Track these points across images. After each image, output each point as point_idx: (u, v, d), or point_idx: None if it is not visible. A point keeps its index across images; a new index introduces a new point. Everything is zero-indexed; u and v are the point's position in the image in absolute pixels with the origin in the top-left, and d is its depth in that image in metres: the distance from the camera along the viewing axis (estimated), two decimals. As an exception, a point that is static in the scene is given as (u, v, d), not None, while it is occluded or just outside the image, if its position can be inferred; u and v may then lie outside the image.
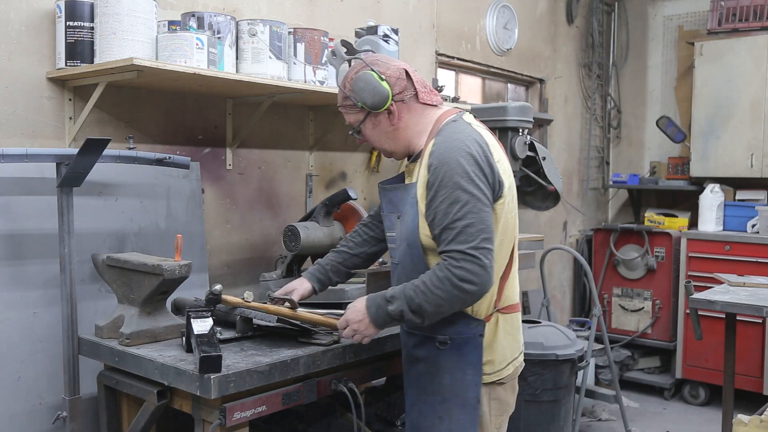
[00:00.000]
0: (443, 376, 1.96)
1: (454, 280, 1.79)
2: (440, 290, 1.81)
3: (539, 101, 5.16)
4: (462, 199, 1.81)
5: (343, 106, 2.05)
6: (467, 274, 1.79)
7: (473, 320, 1.95)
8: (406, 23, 3.81)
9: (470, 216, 1.80)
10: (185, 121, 2.85)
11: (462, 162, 1.83)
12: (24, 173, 2.31)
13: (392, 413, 2.78)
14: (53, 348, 2.35)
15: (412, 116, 2.01)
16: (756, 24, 4.93)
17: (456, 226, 1.81)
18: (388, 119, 1.99)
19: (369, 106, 1.95)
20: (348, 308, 2.00)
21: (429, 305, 1.83)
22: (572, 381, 3.42)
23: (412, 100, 2.00)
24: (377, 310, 1.91)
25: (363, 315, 1.94)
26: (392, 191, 2.07)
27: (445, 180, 1.83)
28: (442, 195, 1.83)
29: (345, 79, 2.02)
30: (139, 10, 2.32)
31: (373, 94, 1.94)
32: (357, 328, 1.96)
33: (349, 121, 2.06)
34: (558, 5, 5.27)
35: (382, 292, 1.93)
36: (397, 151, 2.07)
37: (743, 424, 2.55)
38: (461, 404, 1.95)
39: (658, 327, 5.05)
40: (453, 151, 1.85)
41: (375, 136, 2.04)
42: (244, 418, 1.96)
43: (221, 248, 3.00)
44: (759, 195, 4.92)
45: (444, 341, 1.95)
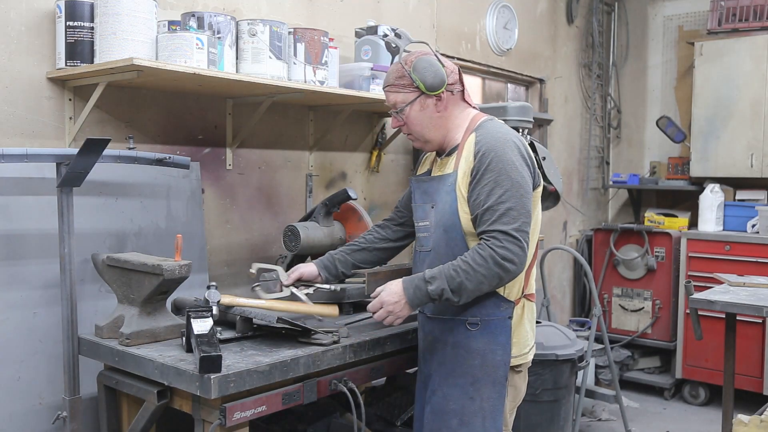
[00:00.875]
0: (474, 358, 2.05)
1: (497, 258, 1.91)
2: (483, 268, 1.91)
3: (539, 101, 5.16)
4: (505, 184, 1.94)
5: (393, 85, 2.12)
6: (509, 253, 1.91)
7: (504, 302, 2.05)
8: (406, 23, 3.81)
9: (513, 200, 1.94)
10: (185, 121, 2.85)
11: (507, 151, 1.99)
12: (24, 173, 2.31)
13: (392, 413, 2.79)
14: (53, 348, 2.35)
15: (455, 109, 2.14)
16: (756, 24, 4.93)
17: (499, 208, 1.93)
18: (435, 105, 2.10)
19: (427, 86, 2.06)
20: (382, 290, 2.05)
21: (470, 283, 1.93)
22: (572, 381, 3.42)
23: (459, 95, 2.15)
24: (415, 291, 1.99)
25: (400, 296, 2.01)
26: (428, 182, 2.18)
27: (492, 165, 1.96)
28: (487, 178, 1.97)
29: (407, 58, 2.11)
30: (139, 10, 2.31)
31: (435, 75, 2.05)
32: (392, 310, 2.02)
33: (395, 100, 2.13)
34: (558, 5, 5.27)
35: (418, 274, 2.01)
36: (433, 140, 2.16)
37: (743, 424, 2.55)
38: (492, 383, 2.05)
39: (658, 327, 5.05)
40: (498, 141, 2.01)
41: (419, 119, 2.12)
42: (244, 418, 1.96)
43: (221, 248, 3.00)
44: (759, 195, 4.92)
45: (475, 323, 2.05)
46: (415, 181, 2.25)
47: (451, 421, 2.07)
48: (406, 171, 3.94)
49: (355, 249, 2.44)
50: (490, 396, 2.05)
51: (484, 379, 2.05)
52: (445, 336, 2.10)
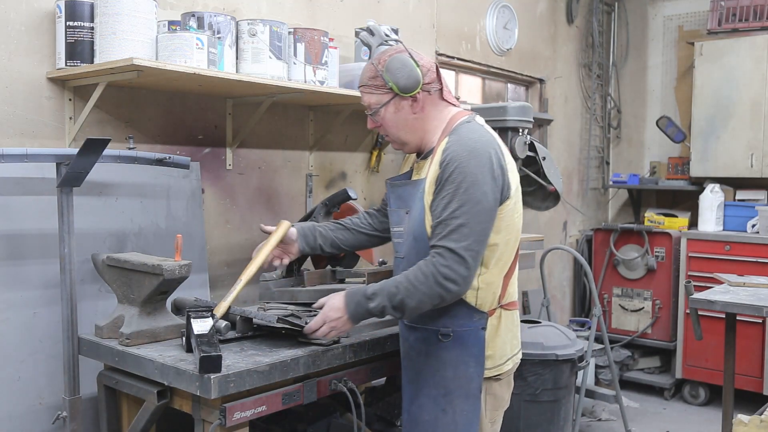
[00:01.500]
0: (446, 369, 1.98)
1: (438, 277, 1.83)
2: (424, 286, 1.84)
3: (539, 101, 5.16)
4: (462, 199, 1.85)
5: (368, 86, 2.04)
6: (451, 273, 1.83)
7: (476, 312, 1.97)
8: (406, 23, 3.81)
9: (466, 216, 1.84)
10: (185, 121, 2.85)
11: (471, 162, 1.87)
12: (24, 173, 2.31)
13: (392, 413, 2.78)
14: (53, 348, 2.35)
15: (433, 110, 2.04)
16: (756, 24, 4.93)
17: (451, 223, 1.84)
18: (411, 107, 2.02)
19: (400, 87, 1.97)
20: (324, 305, 2.00)
21: (411, 300, 1.86)
22: (572, 381, 3.42)
23: (436, 94, 2.04)
24: (356, 307, 1.94)
25: (341, 312, 1.96)
26: (402, 187, 2.10)
27: (452, 176, 1.87)
28: (446, 190, 1.87)
29: (380, 57, 2.03)
30: (139, 10, 2.31)
31: (408, 77, 1.97)
32: (335, 326, 1.99)
33: (370, 101, 2.05)
34: (558, 5, 5.27)
35: (361, 288, 1.96)
36: (409, 142, 2.08)
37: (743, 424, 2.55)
38: (464, 396, 1.98)
39: (658, 327, 5.05)
40: (465, 149, 1.89)
41: (393, 121, 2.04)
42: (244, 418, 1.96)
43: (221, 248, 3.00)
44: (759, 195, 4.92)
45: (447, 334, 1.97)
46: (390, 185, 2.16)
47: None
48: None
49: (338, 227, 2.39)
50: (463, 409, 1.98)
51: (457, 391, 1.97)
52: (420, 345, 2.04)
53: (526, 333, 3.27)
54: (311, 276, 2.76)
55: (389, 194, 2.17)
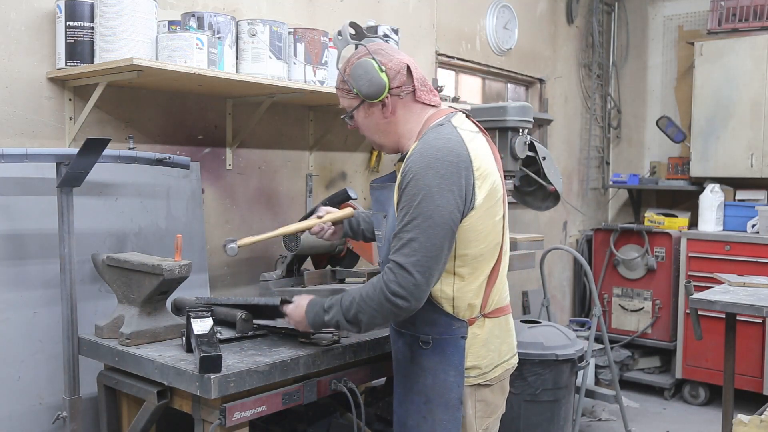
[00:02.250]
0: (426, 377, 1.94)
1: (386, 293, 1.78)
2: (374, 302, 1.81)
3: (539, 101, 5.16)
4: (414, 212, 1.78)
5: (339, 89, 2.03)
6: (400, 289, 1.77)
7: (455, 320, 1.91)
8: (406, 23, 3.81)
9: (417, 230, 1.77)
10: (185, 121, 2.85)
11: (429, 174, 1.78)
12: (24, 173, 2.31)
13: (392, 413, 2.78)
14: (53, 348, 2.35)
15: (406, 113, 1.96)
16: (756, 24, 4.93)
17: (402, 237, 1.79)
18: (381, 112, 1.94)
19: (364, 94, 1.91)
20: (294, 301, 2.05)
21: (364, 315, 1.84)
22: (572, 381, 3.42)
23: (408, 96, 1.95)
24: (314, 317, 1.96)
25: (302, 318, 2.00)
26: (379, 190, 2.08)
27: (408, 188, 1.80)
28: (403, 202, 1.81)
29: (346, 63, 2.00)
30: (139, 10, 2.31)
31: (369, 84, 1.90)
32: (294, 325, 2.06)
33: (343, 105, 2.04)
34: (558, 5, 5.27)
35: (321, 300, 1.96)
36: (385, 145, 2.04)
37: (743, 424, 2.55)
38: (444, 405, 1.93)
39: (658, 327, 5.05)
40: (425, 159, 1.80)
41: (366, 125, 2.01)
42: (244, 418, 1.96)
43: (221, 248, 3.00)
44: (759, 195, 4.92)
45: (426, 341, 1.93)
46: (371, 188, 2.13)
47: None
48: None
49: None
50: (442, 419, 1.93)
51: (436, 399, 1.93)
52: (405, 350, 2.01)
53: (526, 333, 3.27)
54: (311, 276, 2.76)
55: (371, 196, 2.15)
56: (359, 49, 2.03)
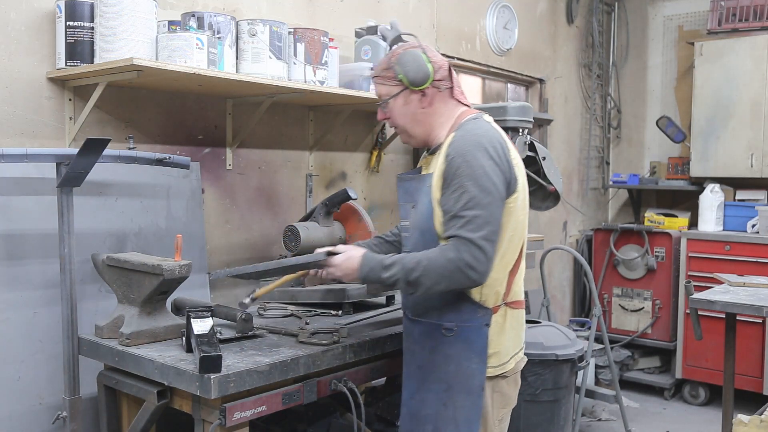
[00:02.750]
0: (449, 364, 2.00)
1: (460, 264, 1.85)
2: (445, 269, 1.87)
3: (539, 101, 5.16)
4: (473, 191, 1.88)
5: (380, 76, 2.09)
6: (474, 261, 1.85)
7: (480, 308, 1.99)
8: (406, 23, 3.81)
9: (479, 207, 1.87)
10: (185, 121, 2.85)
11: (478, 156, 1.90)
12: (24, 173, 2.31)
13: (392, 413, 2.78)
14: (53, 348, 2.35)
15: (442, 106, 2.08)
16: (756, 24, 4.92)
17: (466, 215, 1.87)
18: (419, 101, 2.05)
19: (409, 80, 2.01)
20: (342, 253, 2.04)
21: (428, 280, 1.89)
22: (572, 381, 3.42)
23: (446, 92, 2.08)
24: (370, 272, 1.97)
25: (353, 271, 2.00)
26: (409, 181, 2.14)
27: (460, 170, 1.90)
28: (455, 184, 1.90)
29: (395, 50, 2.08)
30: (139, 10, 2.31)
31: (417, 71, 2.01)
32: (340, 276, 2.04)
33: (381, 92, 2.10)
34: (558, 5, 5.27)
35: (379, 256, 1.99)
36: (416, 136, 2.12)
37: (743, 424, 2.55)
38: (466, 392, 1.99)
39: (658, 327, 5.05)
40: (471, 144, 1.93)
41: (402, 113, 2.08)
42: (244, 418, 1.96)
43: (221, 248, 3.00)
44: (759, 195, 4.91)
45: (450, 328, 2.00)
46: (399, 179, 2.20)
47: (426, 426, 2.03)
48: (405, 170, 3.94)
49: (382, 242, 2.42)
50: (463, 405, 1.98)
51: (458, 386, 1.99)
52: (423, 339, 2.05)
53: (527, 333, 3.26)
54: (311, 276, 2.76)
55: (398, 188, 2.21)
56: (410, 40, 2.15)
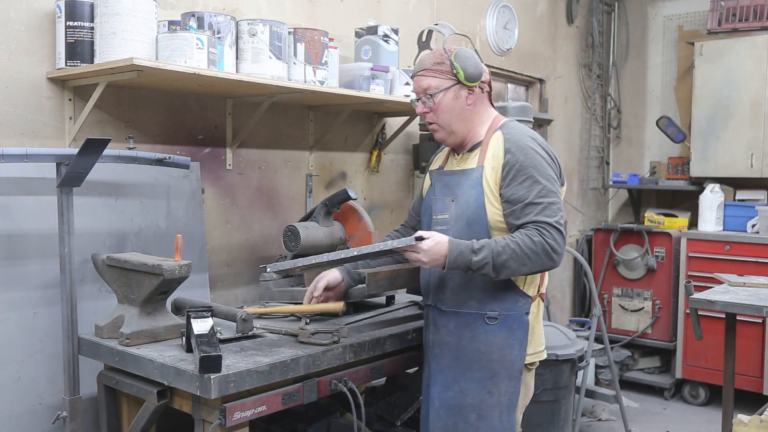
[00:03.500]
0: (492, 352, 2.09)
1: (546, 246, 1.97)
2: (532, 252, 1.97)
3: (539, 101, 5.16)
4: (542, 182, 2.02)
5: (431, 69, 2.14)
6: (556, 244, 1.99)
7: (522, 297, 2.10)
8: (406, 23, 3.81)
9: (552, 196, 2.03)
10: (185, 121, 2.85)
11: (538, 150, 2.06)
12: (24, 173, 2.31)
13: (392, 413, 2.78)
14: (53, 348, 2.35)
15: (481, 108, 2.20)
16: (756, 24, 4.92)
17: (542, 202, 2.00)
18: (467, 98, 2.15)
19: (466, 76, 2.10)
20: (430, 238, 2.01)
21: (514, 263, 1.97)
22: (572, 381, 3.42)
23: (486, 95, 2.22)
24: (458, 256, 2.00)
25: (441, 256, 2.00)
26: (449, 176, 2.21)
27: (526, 163, 2.03)
28: (522, 175, 2.03)
29: (448, 48, 2.14)
30: (139, 10, 2.31)
31: (475, 67, 2.12)
32: (427, 261, 2.01)
33: (429, 84, 2.14)
34: (558, 5, 5.27)
35: (466, 241, 2.01)
36: (458, 132, 2.18)
37: (743, 424, 2.55)
38: (508, 377, 2.10)
39: (658, 327, 5.05)
40: (527, 141, 2.08)
41: (449, 107, 2.14)
42: (244, 418, 1.96)
43: (221, 248, 3.00)
44: (759, 195, 4.91)
45: (494, 317, 2.09)
46: (437, 174, 2.27)
47: (469, 415, 2.10)
48: (406, 171, 3.94)
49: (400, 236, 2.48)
50: (507, 390, 2.09)
51: (502, 373, 2.09)
52: (461, 330, 2.13)
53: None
54: (311, 276, 2.76)
55: (434, 182, 2.26)
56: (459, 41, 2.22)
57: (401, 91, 3.21)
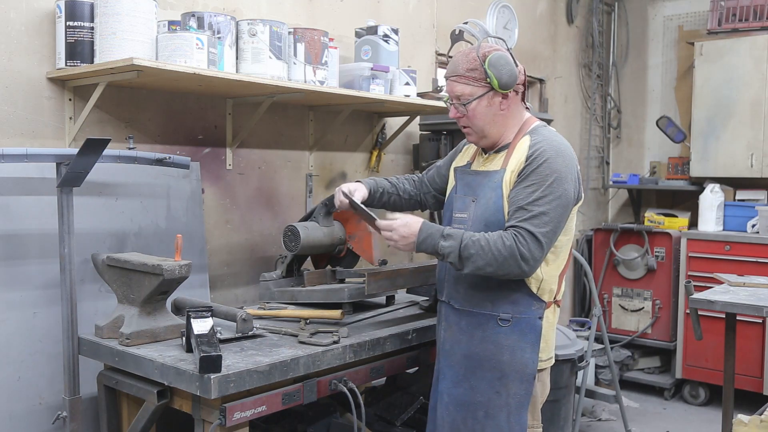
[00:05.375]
0: (503, 354, 2.08)
1: (516, 252, 1.95)
2: (500, 254, 1.95)
3: (539, 101, 5.16)
4: (546, 191, 1.98)
5: (464, 76, 2.09)
6: (528, 253, 1.95)
7: (536, 302, 2.08)
8: (406, 23, 3.81)
9: (548, 206, 1.97)
10: (185, 121, 2.85)
11: (559, 161, 2.01)
12: (24, 173, 2.31)
13: (392, 413, 2.78)
14: (53, 348, 2.35)
15: (515, 110, 2.15)
16: (756, 24, 4.92)
17: (532, 210, 1.97)
18: (500, 103, 2.10)
19: (501, 84, 2.05)
20: (401, 219, 2.08)
21: (481, 260, 1.97)
22: (572, 381, 3.42)
23: (519, 96, 2.16)
24: (427, 238, 2.03)
25: (411, 235, 2.05)
26: (472, 176, 2.20)
27: (539, 169, 1.99)
28: (530, 180, 2.00)
29: (483, 52, 2.08)
30: (139, 10, 2.31)
31: (510, 74, 2.06)
32: (397, 240, 2.07)
33: (462, 92, 2.11)
34: (558, 5, 5.27)
35: (439, 226, 2.06)
36: (490, 136, 2.16)
37: (743, 424, 2.55)
38: (519, 379, 2.08)
39: (658, 327, 5.05)
40: (553, 149, 2.02)
41: (483, 113, 2.11)
42: (244, 418, 1.96)
43: (221, 248, 3.00)
44: (759, 195, 4.91)
45: (506, 319, 2.08)
46: (460, 172, 2.25)
47: (478, 412, 2.10)
48: (406, 171, 3.94)
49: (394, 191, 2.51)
50: (516, 392, 2.08)
51: (512, 375, 2.08)
52: (473, 329, 2.13)
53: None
54: (311, 276, 2.76)
55: (457, 180, 2.26)
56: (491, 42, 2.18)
57: (401, 91, 3.22)
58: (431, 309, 2.71)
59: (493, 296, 2.09)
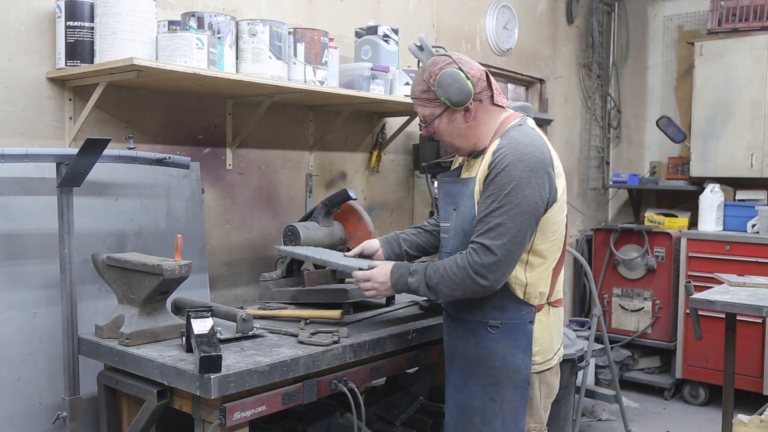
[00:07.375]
0: (495, 360, 2.07)
1: (470, 271, 1.94)
2: (456, 277, 1.96)
3: (539, 101, 5.16)
4: (503, 200, 1.93)
5: (420, 98, 2.10)
6: (483, 269, 1.93)
7: (525, 306, 2.05)
8: (406, 23, 3.81)
9: (504, 217, 1.92)
10: (185, 121, 2.85)
11: (519, 166, 1.93)
12: (24, 173, 2.31)
13: (392, 413, 2.79)
14: (53, 348, 2.35)
15: (485, 116, 2.09)
16: (756, 24, 4.92)
17: (489, 222, 1.94)
18: (464, 117, 2.07)
19: (453, 102, 2.03)
20: (375, 267, 2.15)
21: (445, 287, 2.00)
22: (572, 381, 3.42)
23: (487, 101, 2.09)
24: (399, 278, 2.08)
25: (386, 278, 2.12)
26: (451, 184, 2.18)
27: (498, 179, 1.94)
28: (489, 190, 1.96)
29: (430, 72, 2.06)
30: (139, 10, 2.31)
31: (459, 92, 2.01)
32: (377, 288, 2.14)
33: (423, 113, 2.11)
34: (558, 5, 5.27)
35: (407, 264, 2.10)
36: (464, 148, 2.14)
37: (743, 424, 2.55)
38: (512, 386, 2.07)
39: (658, 327, 5.05)
40: (515, 153, 1.95)
41: (447, 131, 2.11)
42: (244, 418, 1.96)
43: (221, 248, 3.00)
44: (759, 195, 4.91)
45: (495, 326, 2.06)
46: (441, 182, 2.25)
47: (474, 418, 2.11)
48: (406, 171, 3.94)
49: (420, 231, 2.50)
50: (511, 399, 2.06)
51: (505, 381, 2.06)
52: (467, 336, 2.13)
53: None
54: (311, 276, 2.76)
55: (439, 190, 2.26)
56: (440, 58, 2.10)
57: (401, 91, 3.22)
58: (431, 309, 2.71)
59: (482, 303, 2.06)
